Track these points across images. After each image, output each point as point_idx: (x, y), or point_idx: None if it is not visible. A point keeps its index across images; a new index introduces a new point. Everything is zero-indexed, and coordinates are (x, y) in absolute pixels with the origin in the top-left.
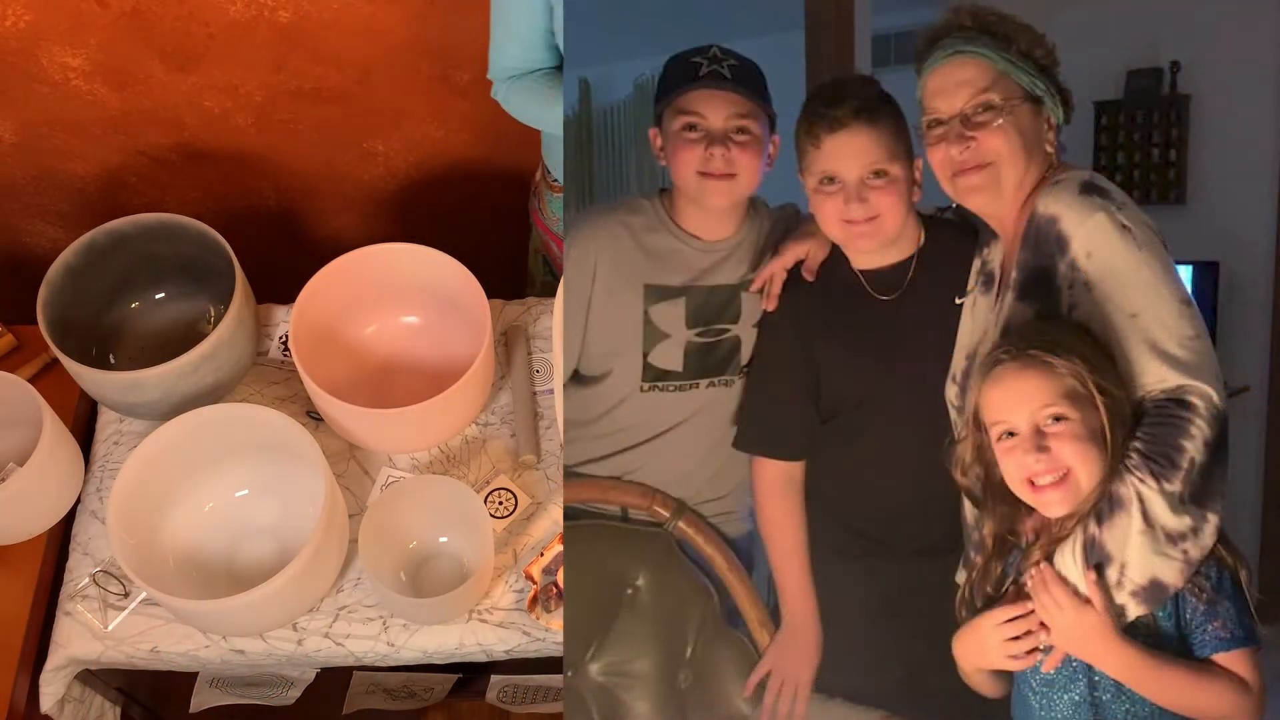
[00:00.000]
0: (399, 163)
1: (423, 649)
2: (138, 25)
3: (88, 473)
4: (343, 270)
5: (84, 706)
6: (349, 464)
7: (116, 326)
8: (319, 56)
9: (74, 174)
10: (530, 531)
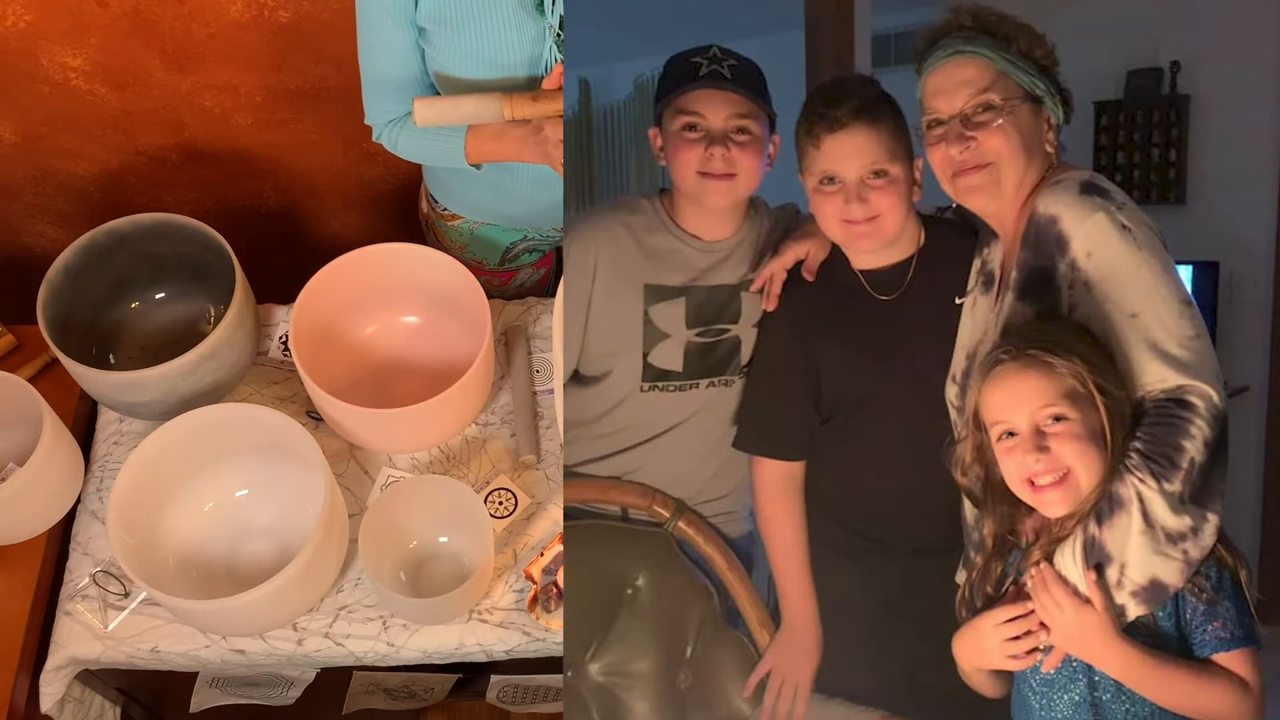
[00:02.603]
0: (399, 163)
1: (423, 649)
2: (138, 25)
3: (88, 473)
4: (343, 270)
5: (84, 706)
6: (349, 464)
7: (116, 326)
8: (319, 56)
9: (74, 174)
10: (530, 531)
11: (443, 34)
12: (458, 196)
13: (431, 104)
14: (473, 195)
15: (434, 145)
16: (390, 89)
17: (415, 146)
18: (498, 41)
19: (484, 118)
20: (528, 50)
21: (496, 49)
